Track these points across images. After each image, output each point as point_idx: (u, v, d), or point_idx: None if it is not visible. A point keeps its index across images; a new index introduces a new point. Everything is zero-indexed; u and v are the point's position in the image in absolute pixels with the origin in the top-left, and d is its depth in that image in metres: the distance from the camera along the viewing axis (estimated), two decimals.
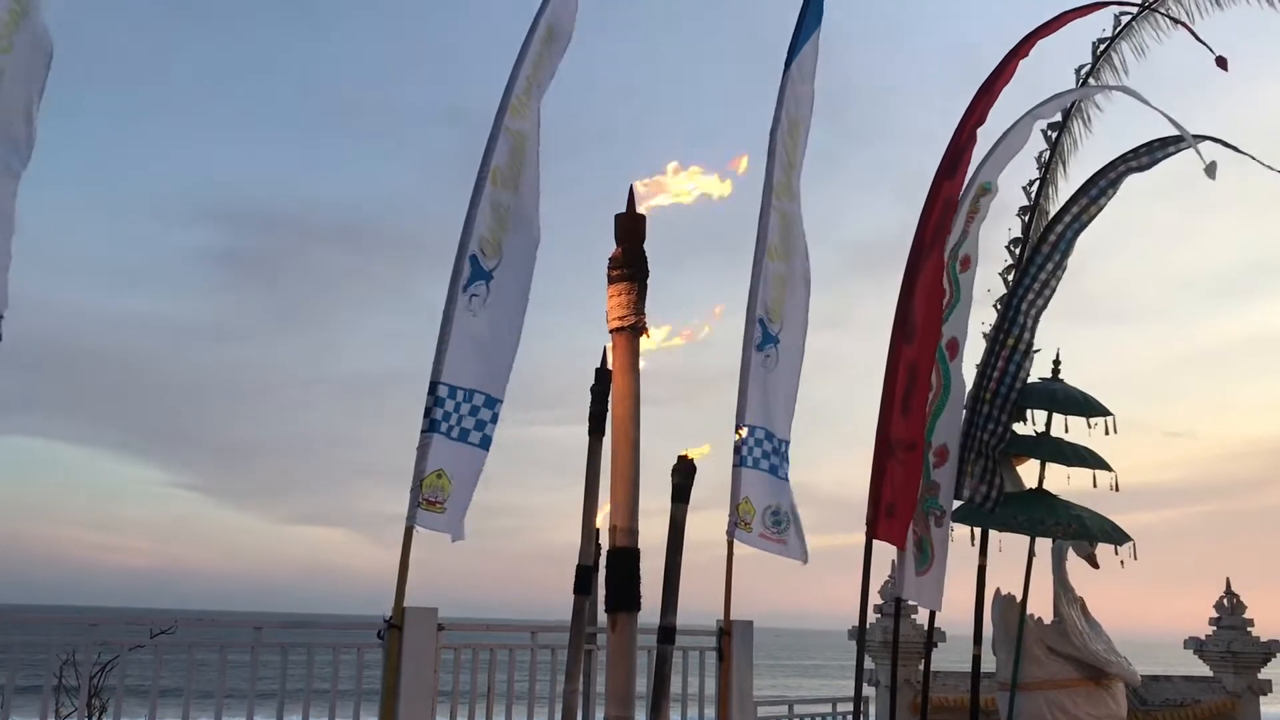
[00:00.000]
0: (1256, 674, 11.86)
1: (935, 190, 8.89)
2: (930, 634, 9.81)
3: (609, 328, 3.45)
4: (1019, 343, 8.76)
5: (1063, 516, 8.70)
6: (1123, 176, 8.98)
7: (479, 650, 8.97)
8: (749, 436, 10.34)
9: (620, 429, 3.37)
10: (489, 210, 8.08)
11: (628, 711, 3.23)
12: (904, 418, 8.75)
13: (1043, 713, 8.63)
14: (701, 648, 10.42)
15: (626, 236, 3.47)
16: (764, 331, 10.57)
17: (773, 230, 10.71)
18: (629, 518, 3.29)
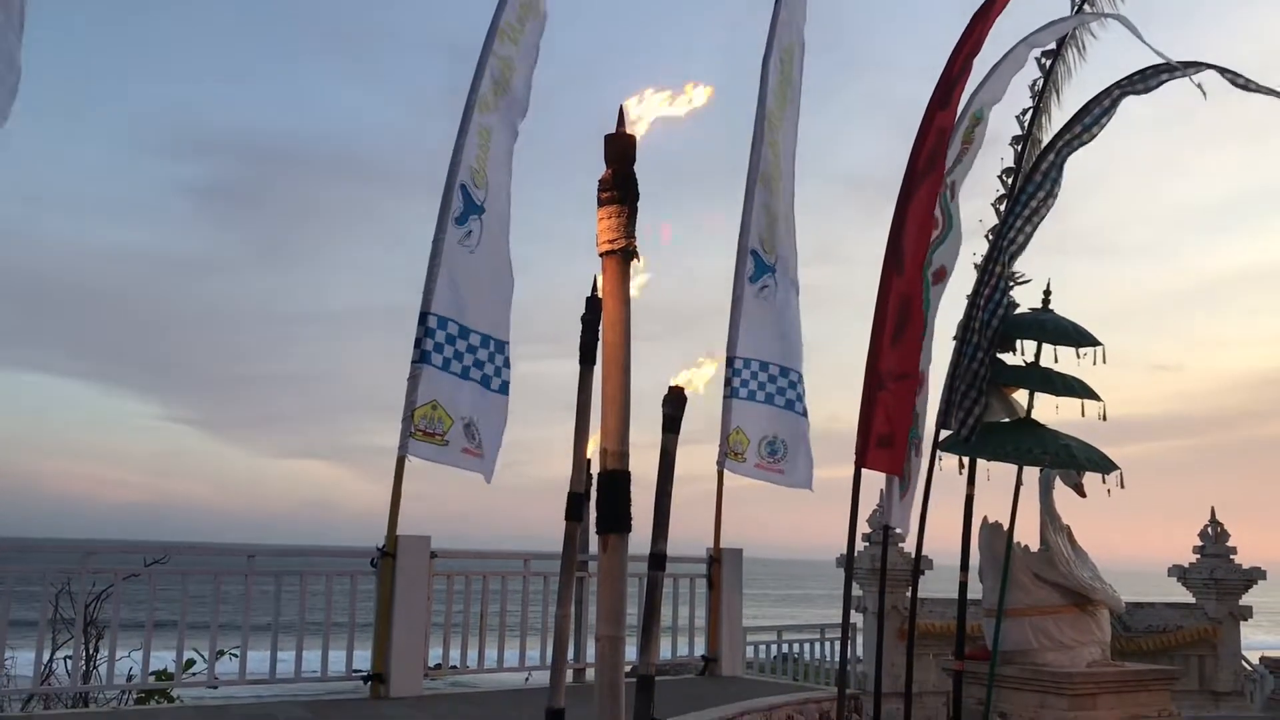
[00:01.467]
0: (1238, 600, 12.06)
1: (928, 120, 8.80)
2: (917, 561, 9.93)
3: (598, 251, 3.42)
4: (1006, 270, 8.76)
5: (1050, 445, 8.75)
6: (1118, 101, 8.90)
7: (471, 577, 9.08)
8: (742, 369, 10.39)
9: (610, 354, 3.35)
10: (476, 138, 8.03)
11: (619, 631, 3.26)
12: (895, 348, 8.77)
13: (1028, 638, 8.76)
14: (692, 575, 10.55)
15: (616, 158, 3.41)
16: (758, 262, 10.56)
17: (765, 161, 10.67)
18: (620, 441, 3.29)
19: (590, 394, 5.09)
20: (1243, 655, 12.75)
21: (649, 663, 7.37)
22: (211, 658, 7.96)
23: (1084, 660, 8.77)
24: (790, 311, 10.43)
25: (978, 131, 9.12)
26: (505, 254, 8.03)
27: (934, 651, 10.49)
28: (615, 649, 3.23)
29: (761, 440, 9.98)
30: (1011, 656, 8.78)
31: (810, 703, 8.95)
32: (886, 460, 8.73)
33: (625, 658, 9.70)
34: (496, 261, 7.90)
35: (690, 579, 10.57)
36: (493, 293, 7.83)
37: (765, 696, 8.77)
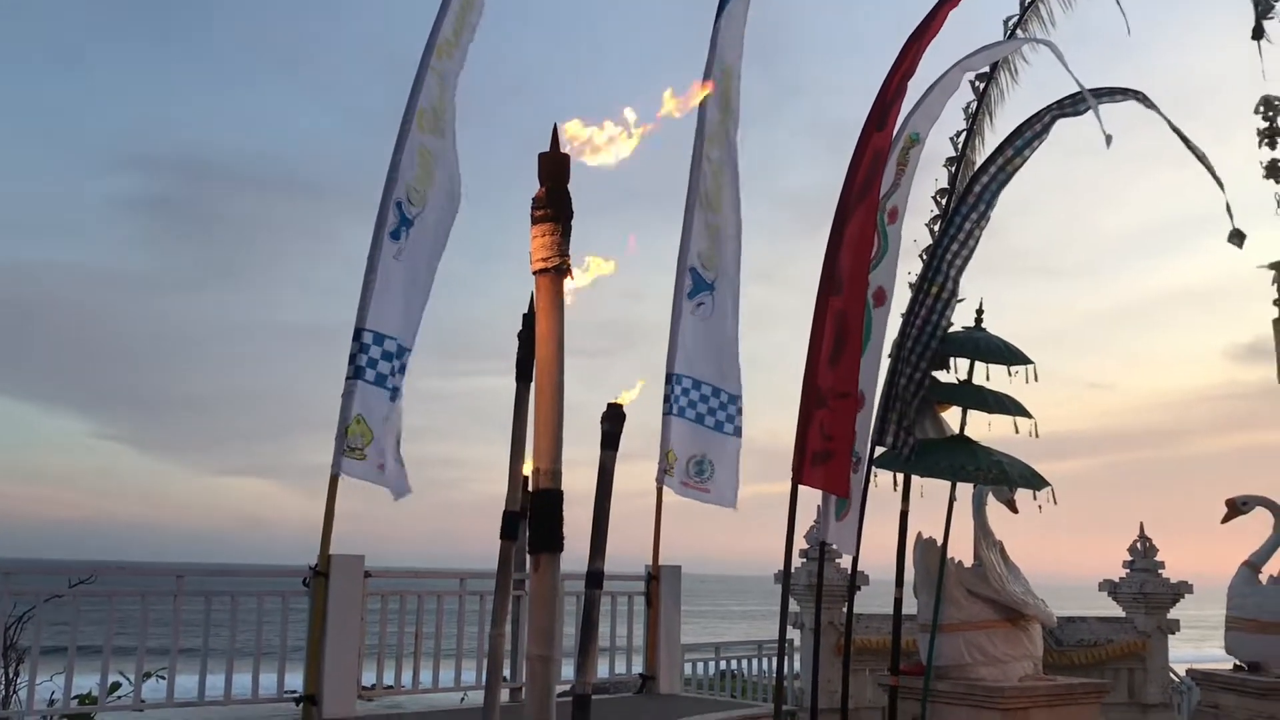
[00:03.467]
0: (1166, 614, 12.30)
1: (864, 141, 8.94)
2: (853, 578, 10.00)
3: (532, 269, 3.41)
4: (943, 291, 8.88)
5: (983, 462, 8.87)
6: (1050, 125, 9.08)
7: (406, 597, 8.97)
8: (676, 386, 10.41)
9: (544, 371, 3.34)
10: (414, 154, 7.98)
11: (550, 651, 3.24)
12: (833, 367, 8.86)
13: (961, 653, 8.86)
14: (630, 593, 10.53)
15: (550, 176, 3.41)
16: (697, 279, 10.60)
17: (705, 179, 10.72)
18: (552, 460, 3.28)
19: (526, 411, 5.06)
20: (1170, 668, 13.01)
21: (586, 681, 7.35)
22: (138, 680, 7.77)
23: (1016, 674, 8.88)
24: (727, 330, 10.46)
25: (913, 154, 9.27)
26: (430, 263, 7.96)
27: (870, 667, 10.56)
28: (546, 669, 3.21)
29: (690, 459, 9.99)
30: (946, 671, 8.87)
31: (748, 719, 8.97)
32: (822, 477, 8.80)
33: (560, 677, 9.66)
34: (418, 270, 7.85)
35: (629, 596, 10.54)
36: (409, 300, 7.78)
37: (703, 714, 8.77)
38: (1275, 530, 10.17)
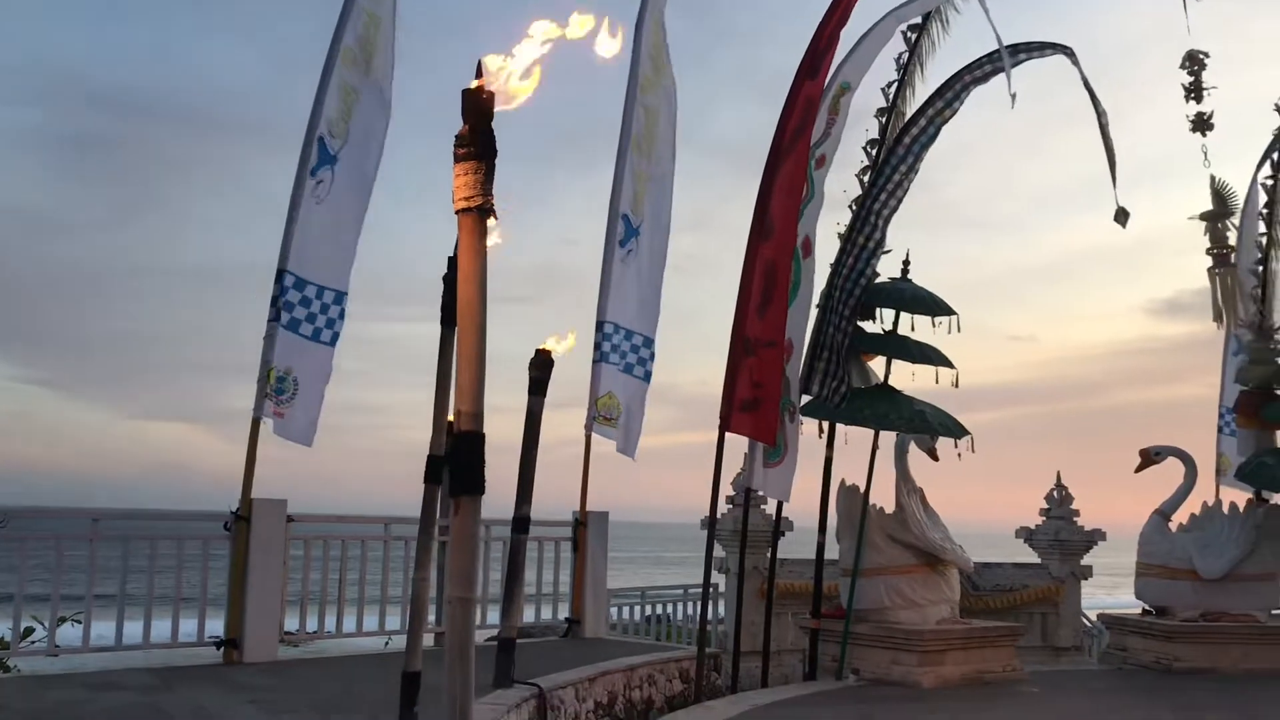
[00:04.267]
0: (1079, 560, 12.63)
1: (796, 90, 8.92)
2: (778, 523, 10.13)
3: (455, 208, 3.35)
4: (869, 241, 8.95)
5: (905, 411, 9.02)
6: (979, 80, 9.16)
7: (330, 541, 8.92)
8: (613, 333, 10.41)
9: (466, 312, 3.29)
10: (338, 91, 7.80)
11: (469, 593, 3.22)
12: (761, 316, 8.89)
13: (881, 597, 9.04)
14: (558, 539, 10.58)
15: (473, 114, 3.34)
16: (626, 226, 10.57)
17: (636, 124, 10.65)
18: (474, 402, 3.24)
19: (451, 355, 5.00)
20: (1083, 612, 13.40)
21: (511, 626, 7.42)
22: (52, 625, 7.63)
23: (934, 618, 9.09)
24: (653, 277, 10.46)
25: (844, 102, 9.27)
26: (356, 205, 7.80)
27: (792, 610, 10.72)
28: (466, 611, 3.20)
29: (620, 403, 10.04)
30: (866, 615, 9.04)
31: (671, 662, 9.09)
32: (750, 425, 8.87)
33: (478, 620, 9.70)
34: (344, 212, 7.69)
35: (556, 543, 10.59)
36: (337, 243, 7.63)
37: (626, 657, 8.87)
38: (1186, 480, 10.48)
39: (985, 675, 8.97)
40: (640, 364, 10.48)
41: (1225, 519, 10.37)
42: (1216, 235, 11.30)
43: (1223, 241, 11.28)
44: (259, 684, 7.16)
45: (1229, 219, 11.40)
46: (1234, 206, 11.44)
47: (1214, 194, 11.32)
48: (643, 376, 10.47)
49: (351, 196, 7.74)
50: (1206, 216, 11.35)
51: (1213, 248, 11.29)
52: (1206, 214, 11.35)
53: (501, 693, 6.81)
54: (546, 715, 7.12)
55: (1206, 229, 11.34)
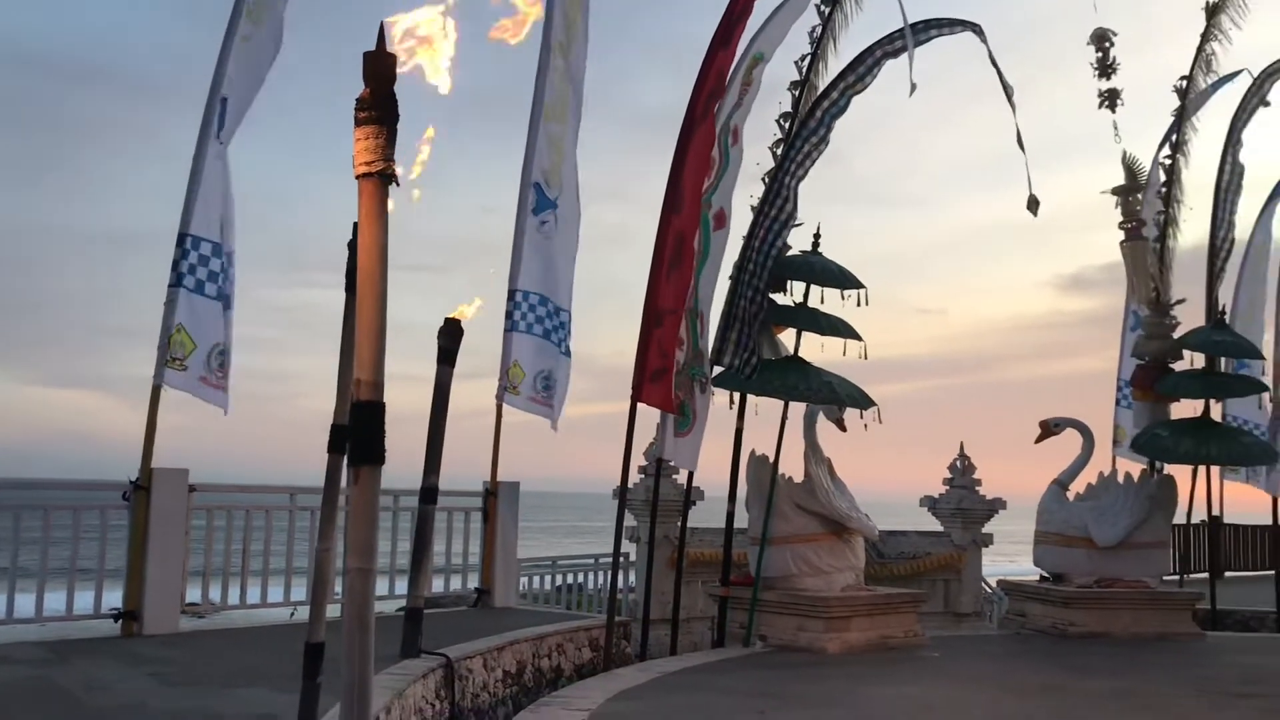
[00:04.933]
0: (981, 528, 12.98)
1: (709, 60, 8.91)
2: (689, 493, 10.21)
3: (355, 173, 3.28)
4: (780, 214, 9.01)
5: (814, 382, 9.13)
6: (890, 55, 9.25)
7: (234, 512, 8.76)
8: (522, 302, 10.34)
9: (366, 280, 3.23)
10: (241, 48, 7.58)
11: (368, 563, 3.19)
12: (669, 286, 8.92)
13: (788, 565, 9.17)
14: (468, 509, 10.52)
15: (375, 77, 3.27)
16: (540, 196, 10.47)
17: (550, 90, 10.54)
18: (374, 371, 3.19)
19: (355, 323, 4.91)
20: (983, 579, 13.78)
21: (418, 595, 7.38)
22: None
23: (839, 585, 9.26)
24: (568, 247, 10.40)
25: (757, 72, 9.29)
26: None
27: (702, 579, 10.83)
28: (365, 582, 3.16)
29: (537, 375, 9.98)
30: (773, 582, 9.17)
31: (580, 630, 9.12)
32: (659, 395, 8.90)
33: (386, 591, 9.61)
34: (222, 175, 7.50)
35: (466, 512, 10.54)
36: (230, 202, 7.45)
37: (536, 626, 8.88)
38: (1083, 451, 10.80)
39: (889, 641, 9.17)
40: (563, 339, 10.41)
41: (1120, 489, 10.72)
42: (1128, 209, 11.60)
43: (1134, 215, 11.59)
44: (158, 656, 7.02)
45: (1139, 193, 11.71)
46: (1143, 181, 11.75)
47: (1125, 169, 11.61)
48: (565, 351, 10.41)
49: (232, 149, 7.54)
50: (1118, 191, 11.64)
51: (1125, 221, 11.59)
52: (1119, 188, 11.64)
53: (408, 663, 6.78)
54: (454, 685, 7.10)
55: (1118, 203, 11.63)
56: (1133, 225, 11.60)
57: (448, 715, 7.02)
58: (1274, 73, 11.75)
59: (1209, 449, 10.57)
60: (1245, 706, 6.78)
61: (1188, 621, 10.42)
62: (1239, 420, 13.12)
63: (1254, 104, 11.68)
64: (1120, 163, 11.64)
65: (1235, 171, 11.53)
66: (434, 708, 6.78)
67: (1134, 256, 11.56)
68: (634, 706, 6.33)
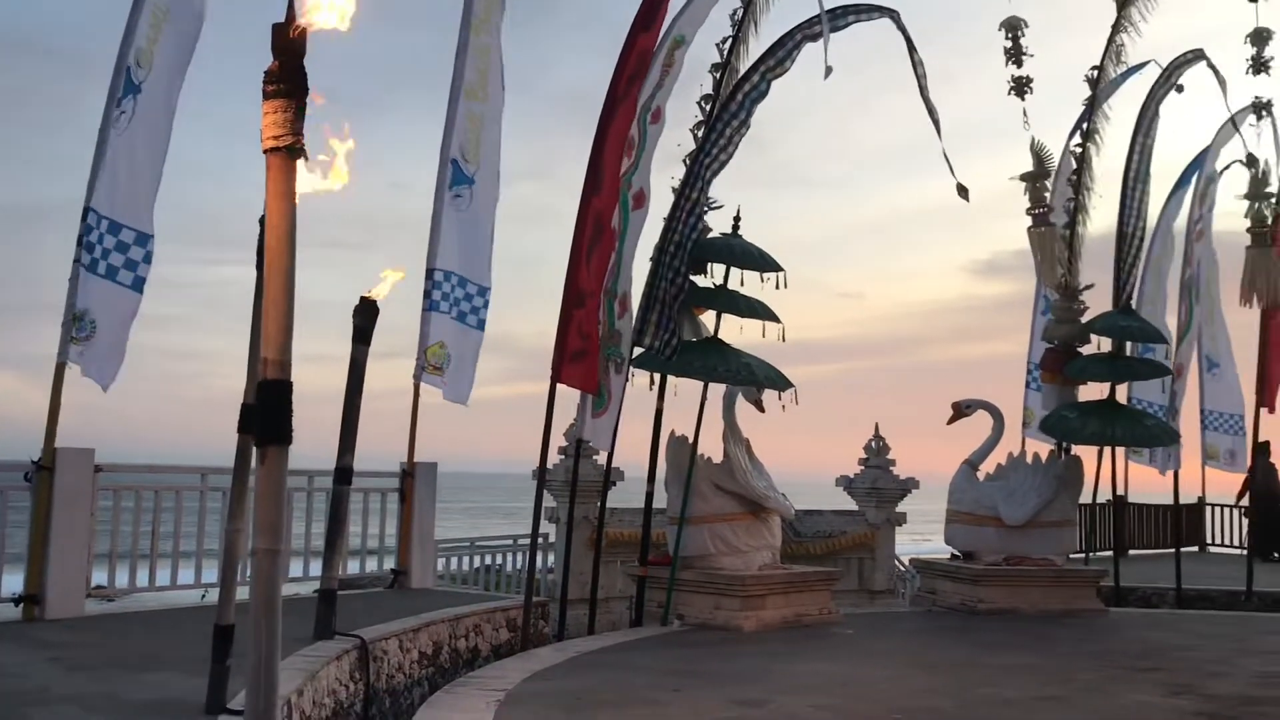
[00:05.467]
0: (895, 507, 13.20)
1: (631, 41, 8.90)
2: (608, 473, 10.24)
3: (263, 148, 3.22)
4: (701, 196, 9.04)
5: (733, 364, 9.21)
6: (801, 45, 9.30)
7: (143, 493, 8.56)
8: (443, 281, 10.23)
9: (273, 258, 3.17)
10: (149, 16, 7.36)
11: (276, 544, 3.14)
12: (588, 267, 8.91)
13: (706, 544, 9.25)
14: (385, 489, 10.42)
15: (284, 49, 3.21)
16: (457, 171, 10.35)
17: (470, 67, 10.42)
18: (281, 350, 3.14)
19: None
20: (896, 557, 14.04)
21: (332, 577, 7.30)
22: None
23: (756, 564, 9.37)
24: (485, 224, 10.31)
25: (678, 54, 9.29)
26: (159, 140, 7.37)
27: (621, 558, 10.87)
28: (272, 562, 3.12)
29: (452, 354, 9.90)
30: (691, 561, 9.25)
31: (498, 611, 9.11)
32: (578, 376, 8.90)
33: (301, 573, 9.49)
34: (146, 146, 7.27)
35: (382, 493, 10.44)
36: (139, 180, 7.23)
37: (453, 607, 8.84)
38: (993, 432, 11.04)
39: (803, 618, 9.31)
40: (473, 312, 10.33)
41: (1028, 469, 10.98)
42: (1036, 195, 11.85)
43: (1042, 201, 11.84)
44: (61, 640, 6.85)
45: (1047, 180, 11.96)
46: (1051, 168, 12.01)
47: (1034, 156, 11.85)
48: (476, 325, 10.33)
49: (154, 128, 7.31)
50: (1026, 177, 11.88)
51: (1032, 208, 11.84)
52: (1026, 175, 11.88)
53: (322, 644, 6.71)
54: (369, 666, 7.05)
55: (1026, 189, 11.88)
56: (1040, 211, 11.85)
57: (362, 696, 6.97)
58: (1183, 64, 12.05)
59: (1114, 431, 10.88)
60: (1144, 680, 7.00)
61: (1092, 598, 10.73)
62: (1143, 403, 13.54)
63: (1162, 94, 11.97)
64: (1029, 150, 11.88)
65: (1144, 160, 11.82)
66: (348, 689, 6.73)
67: (1041, 242, 11.82)
68: (550, 686, 6.35)
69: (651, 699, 6.05)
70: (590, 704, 5.89)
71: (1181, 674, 7.22)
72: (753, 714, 5.75)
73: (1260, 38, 12.21)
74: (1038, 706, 6.17)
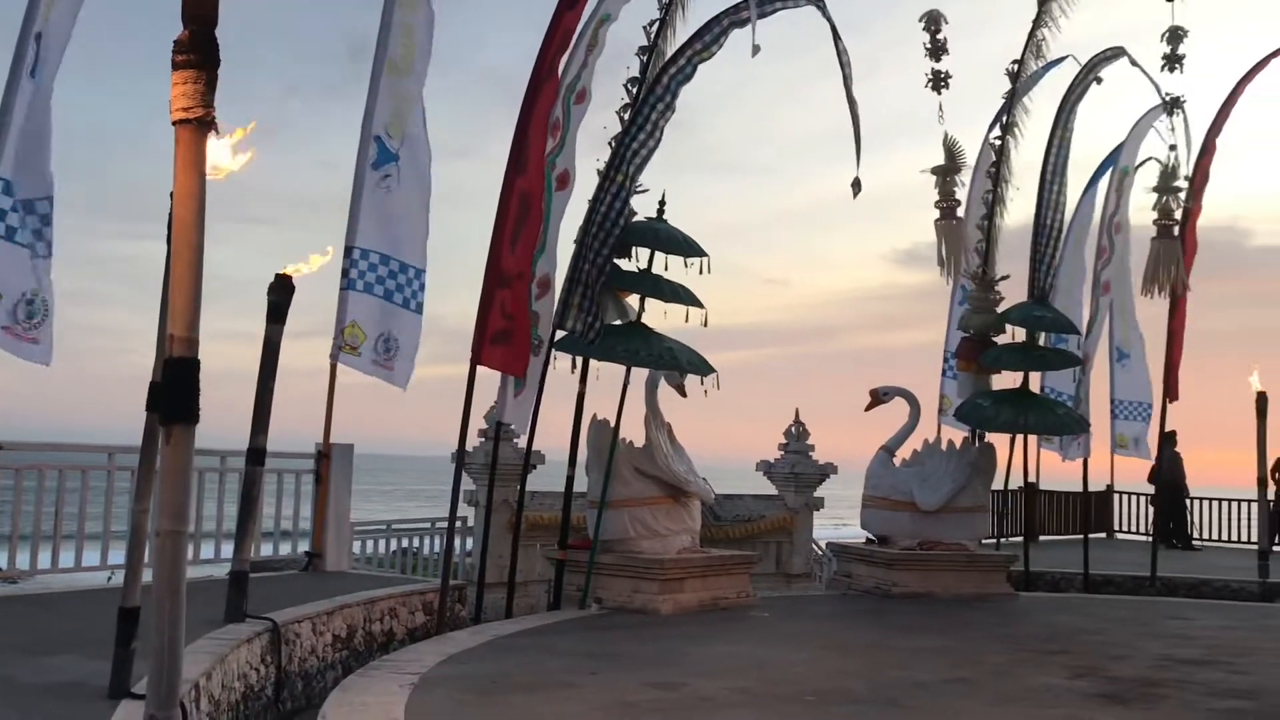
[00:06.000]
0: (813, 492, 13.36)
1: (556, 21, 8.83)
2: (528, 456, 10.20)
3: (172, 119, 3.13)
4: (626, 179, 9.02)
5: (656, 348, 9.21)
6: (728, 30, 9.31)
7: (46, 472, 8.32)
8: (360, 260, 10.06)
9: (182, 232, 3.09)
10: None
11: (181, 525, 3.07)
12: (513, 249, 8.84)
13: (626, 528, 9.27)
14: (299, 470, 10.27)
15: (195, 18, 3.12)
16: (382, 149, 10.17)
17: (395, 43, 10.24)
18: (188, 327, 3.06)
19: None
20: (814, 541, 14.21)
21: (244, 560, 7.17)
22: None
23: (676, 548, 9.41)
24: (415, 203, 10.16)
25: (603, 33, 9.24)
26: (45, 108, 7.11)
27: (540, 542, 10.85)
28: (176, 544, 3.05)
29: (379, 337, 9.73)
30: (611, 545, 9.26)
31: (414, 594, 9.03)
32: (501, 358, 8.84)
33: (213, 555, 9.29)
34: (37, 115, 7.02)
35: (297, 475, 10.29)
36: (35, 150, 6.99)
37: (368, 590, 8.75)
38: (910, 418, 11.22)
39: (721, 602, 9.38)
40: (412, 295, 10.15)
41: (943, 455, 11.18)
42: (945, 190, 12.03)
43: (950, 196, 12.03)
44: None
45: (957, 174, 12.15)
46: (962, 163, 12.19)
47: (945, 150, 12.02)
48: (415, 309, 10.15)
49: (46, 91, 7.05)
50: (937, 171, 12.04)
51: (940, 201, 12.01)
52: (937, 168, 12.05)
53: (233, 627, 6.60)
54: (281, 649, 6.95)
55: (937, 183, 12.05)
56: (947, 206, 12.05)
57: (274, 680, 6.87)
58: (1102, 60, 12.29)
59: (1026, 419, 11.12)
60: (1051, 663, 7.18)
61: (1003, 582, 10.97)
62: (1055, 392, 13.86)
63: (1080, 89, 12.20)
64: (941, 144, 12.05)
65: (1061, 154, 12.04)
66: (259, 672, 6.62)
67: (946, 236, 12.02)
68: (466, 669, 6.31)
69: (567, 682, 6.05)
70: (505, 687, 5.87)
71: (1086, 657, 7.41)
72: (668, 696, 5.78)
73: (1175, 35, 12.50)
74: (947, 688, 6.29)
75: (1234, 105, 13.71)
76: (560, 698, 5.66)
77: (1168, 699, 6.07)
